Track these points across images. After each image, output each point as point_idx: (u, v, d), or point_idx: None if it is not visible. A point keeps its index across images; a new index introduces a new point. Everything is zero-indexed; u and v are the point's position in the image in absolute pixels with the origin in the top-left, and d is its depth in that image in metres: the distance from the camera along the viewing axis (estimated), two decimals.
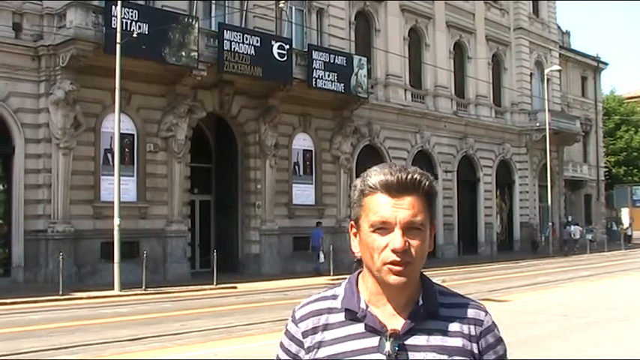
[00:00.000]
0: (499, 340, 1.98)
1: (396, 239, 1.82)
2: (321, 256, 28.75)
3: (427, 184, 1.89)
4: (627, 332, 13.35)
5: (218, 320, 15.20)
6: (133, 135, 25.49)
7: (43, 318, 15.94)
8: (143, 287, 21.64)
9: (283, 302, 17.87)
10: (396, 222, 1.83)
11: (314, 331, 1.94)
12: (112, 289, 21.08)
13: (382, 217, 1.84)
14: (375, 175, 1.89)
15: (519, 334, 12.53)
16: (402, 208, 1.84)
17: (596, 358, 10.57)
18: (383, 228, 1.84)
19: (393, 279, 1.84)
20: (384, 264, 1.84)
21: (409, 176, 1.86)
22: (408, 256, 1.83)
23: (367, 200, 1.89)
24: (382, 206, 1.85)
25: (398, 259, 1.82)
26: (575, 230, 45.95)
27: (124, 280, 21.45)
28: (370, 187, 1.89)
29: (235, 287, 23.35)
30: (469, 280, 25.35)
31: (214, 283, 23.37)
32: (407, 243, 1.82)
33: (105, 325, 14.77)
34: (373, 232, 1.86)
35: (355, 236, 1.95)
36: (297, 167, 31.30)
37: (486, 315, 1.97)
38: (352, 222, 1.95)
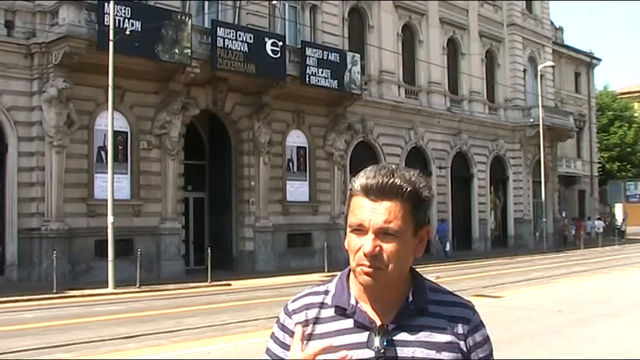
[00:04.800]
0: (486, 339, 2.00)
1: (366, 244, 1.85)
2: (448, 245, 36.15)
3: (409, 190, 1.88)
4: (621, 328, 13.39)
5: (212, 318, 15.20)
6: (127, 132, 25.43)
7: (37, 316, 15.92)
8: (137, 285, 21.62)
9: (277, 299, 17.86)
10: (369, 226, 1.85)
11: (306, 323, 1.97)
12: (106, 287, 21.05)
13: (358, 220, 1.88)
14: (361, 178, 1.92)
15: (514, 330, 12.57)
16: (378, 213, 1.86)
17: (591, 358, 10.59)
18: (359, 230, 1.88)
19: (363, 279, 1.88)
20: (358, 265, 1.88)
21: (390, 181, 1.87)
22: (378, 261, 1.85)
23: (352, 201, 1.93)
24: (361, 209, 1.88)
25: (367, 262, 1.85)
26: (599, 225, 47.44)
27: (118, 278, 21.38)
28: (354, 189, 1.93)
29: (229, 284, 23.35)
30: (463, 276, 25.37)
31: (208, 280, 23.36)
32: (377, 248, 1.84)
33: (99, 323, 14.73)
34: (351, 232, 1.90)
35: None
36: (291, 164, 31.28)
37: (474, 314, 2.00)
38: (345, 219, 2.00)
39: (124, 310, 17.16)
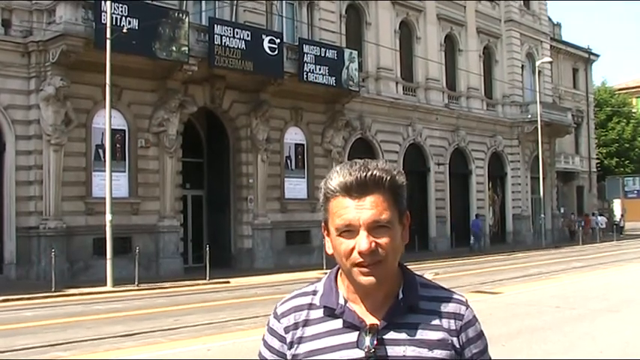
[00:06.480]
0: (480, 335, 1.98)
1: (361, 242, 1.81)
2: (482, 239, 39.37)
3: (389, 179, 1.87)
4: (619, 323, 13.40)
5: (211, 315, 15.20)
6: (124, 130, 25.41)
7: (36, 315, 15.92)
8: (136, 283, 21.60)
9: (276, 297, 17.82)
10: (359, 224, 1.82)
11: (295, 326, 1.96)
12: (105, 285, 21.05)
13: (345, 221, 1.83)
14: (336, 178, 1.89)
15: (512, 326, 12.58)
16: (365, 209, 1.83)
17: (589, 353, 10.60)
18: (348, 231, 1.83)
19: (364, 280, 1.84)
20: (354, 266, 1.83)
21: (369, 174, 1.85)
22: (377, 255, 1.82)
23: (331, 204, 1.89)
24: (345, 209, 1.84)
25: (365, 261, 1.81)
26: (602, 220, 48.63)
27: (117, 276, 21.39)
28: (332, 191, 1.89)
29: (228, 282, 23.34)
30: (462, 272, 25.39)
31: (207, 278, 23.35)
32: (373, 243, 1.81)
33: (98, 321, 14.74)
34: (339, 235, 1.85)
35: (328, 237, 1.94)
36: (289, 161, 31.28)
37: (467, 309, 1.97)
38: (323, 224, 1.95)
39: (122, 308, 17.16)
